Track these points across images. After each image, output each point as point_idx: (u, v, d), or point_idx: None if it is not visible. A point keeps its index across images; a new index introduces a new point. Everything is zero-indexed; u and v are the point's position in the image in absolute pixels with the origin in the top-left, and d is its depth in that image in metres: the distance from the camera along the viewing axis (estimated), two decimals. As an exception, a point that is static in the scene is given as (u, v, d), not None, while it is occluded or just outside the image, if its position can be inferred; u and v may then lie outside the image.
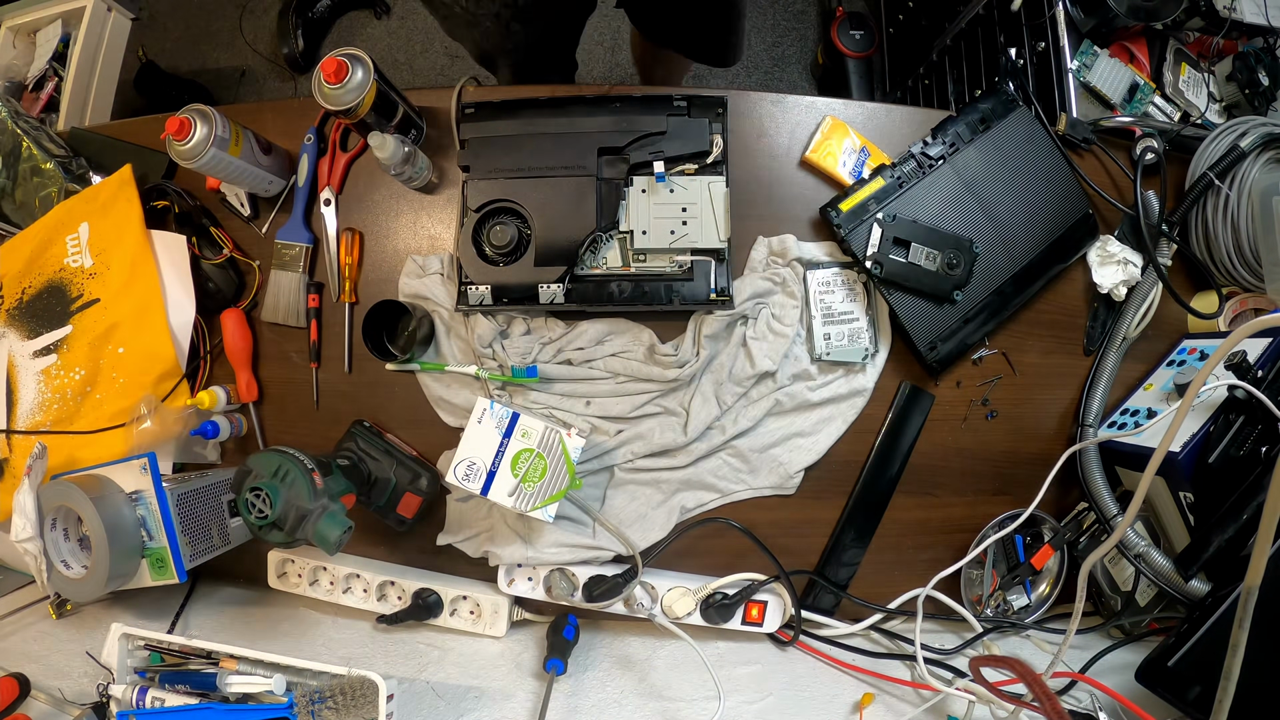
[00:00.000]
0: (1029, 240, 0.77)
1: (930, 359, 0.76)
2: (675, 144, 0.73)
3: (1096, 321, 0.81)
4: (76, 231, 0.78)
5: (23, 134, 0.82)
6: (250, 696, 0.61)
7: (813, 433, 0.78)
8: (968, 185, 0.75)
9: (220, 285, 0.79)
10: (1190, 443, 0.67)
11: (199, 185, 0.80)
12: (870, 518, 0.80)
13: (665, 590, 0.75)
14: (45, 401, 0.78)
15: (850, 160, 0.77)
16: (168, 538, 0.66)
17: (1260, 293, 0.78)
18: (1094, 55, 0.86)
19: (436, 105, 0.79)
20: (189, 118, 0.68)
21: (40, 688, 0.66)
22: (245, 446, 0.81)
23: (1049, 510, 0.80)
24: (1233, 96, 0.90)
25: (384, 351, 0.74)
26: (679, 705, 0.70)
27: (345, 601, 0.77)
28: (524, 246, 0.72)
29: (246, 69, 1.82)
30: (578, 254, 0.71)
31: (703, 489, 0.78)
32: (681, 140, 0.73)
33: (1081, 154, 0.80)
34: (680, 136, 0.73)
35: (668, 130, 0.73)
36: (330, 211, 0.79)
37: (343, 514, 0.62)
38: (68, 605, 0.76)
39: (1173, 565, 0.69)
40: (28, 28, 1.33)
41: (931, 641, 0.77)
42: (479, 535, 0.77)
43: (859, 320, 0.77)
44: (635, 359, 0.75)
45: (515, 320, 0.76)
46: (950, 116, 0.77)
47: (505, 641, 0.77)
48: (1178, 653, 0.62)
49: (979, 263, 0.75)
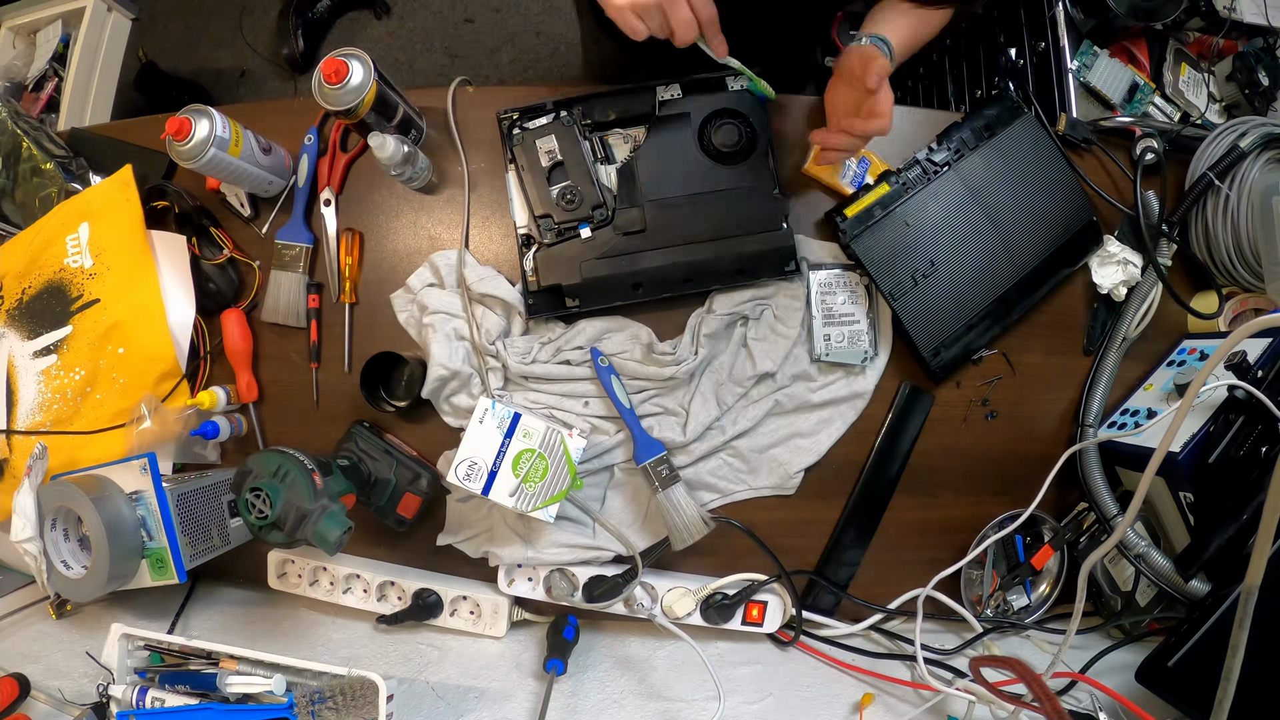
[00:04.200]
0: (1033, 247, 0.77)
1: (934, 365, 0.76)
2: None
3: (1096, 321, 0.81)
4: (76, 231, 0.78)
5: (23, 134, 0.82)
6: (250, 697, 0.61)
7: (812, 433, 0.78)
8: (973, 192, 0.76)
9: (220, 285, 0.79)
10: (1190, 443, 0.67)
11: (199, 185, 0.80)
12: (870, 518, 0.80)
13: (665, 590, 0.75)
14: (45, 402, 0.78)
15: (849, 171, 0.77)
16: (168, 538, 0.66)
17: (1260, 293, 0.78)
18: (1094, 55, 0.86)
19: (436, 105, 0.79)
20: (189, 118, 0.68)
21: (40, 688, 0.66)
22: (245, 446, 0.81)
23: (1049, 510, 0.80)
24: (1233, 96, 0.90)
25: (382, 402, 0.75)
26: (679, 705, 0.70)
27: (345, 602, 0.77)
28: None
29: (246, 69, 1.82)
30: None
31: (703, 489, 0.78)
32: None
33: (1081, 154, 0.80)
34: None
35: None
36: (330, 212, 0.79)
37: (343, 514, 0.62)
38: (68, 605, 0.76)
39: (1173, 565, 0.69)
40: (28, 28, 1.33)
41: (931, 641, 0.77)
42: (479, 535, 0.77)
43: (860, 323, 0.77)
44: (633, 358, 0.75)
45: (516, 318, 0.76)
46: (955, 122, 0.77)
47: (505, 642, 0.77)
48: (1178, 653, 0.62)
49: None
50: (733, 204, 0.73)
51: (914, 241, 0.75)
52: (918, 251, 0.75)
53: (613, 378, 0.73)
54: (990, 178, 0.76)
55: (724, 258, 0.73)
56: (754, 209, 0.73)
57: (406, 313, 0.78)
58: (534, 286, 0.74)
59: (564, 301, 0.74)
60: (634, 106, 0.74)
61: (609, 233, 0.73)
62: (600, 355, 0.74)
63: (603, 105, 0.74)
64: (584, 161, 0.73)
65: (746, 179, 0.73)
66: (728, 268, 0.74)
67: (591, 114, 0.74)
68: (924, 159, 0.76)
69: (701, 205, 0.73)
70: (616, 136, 0.76)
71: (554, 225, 0.73)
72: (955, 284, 0.75)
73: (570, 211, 0.72)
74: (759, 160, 0.74)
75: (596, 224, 0.73)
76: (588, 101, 0.74)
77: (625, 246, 0.73)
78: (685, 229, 0.73)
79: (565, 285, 0.73)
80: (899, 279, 0.74)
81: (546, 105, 0.74)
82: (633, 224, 0.73)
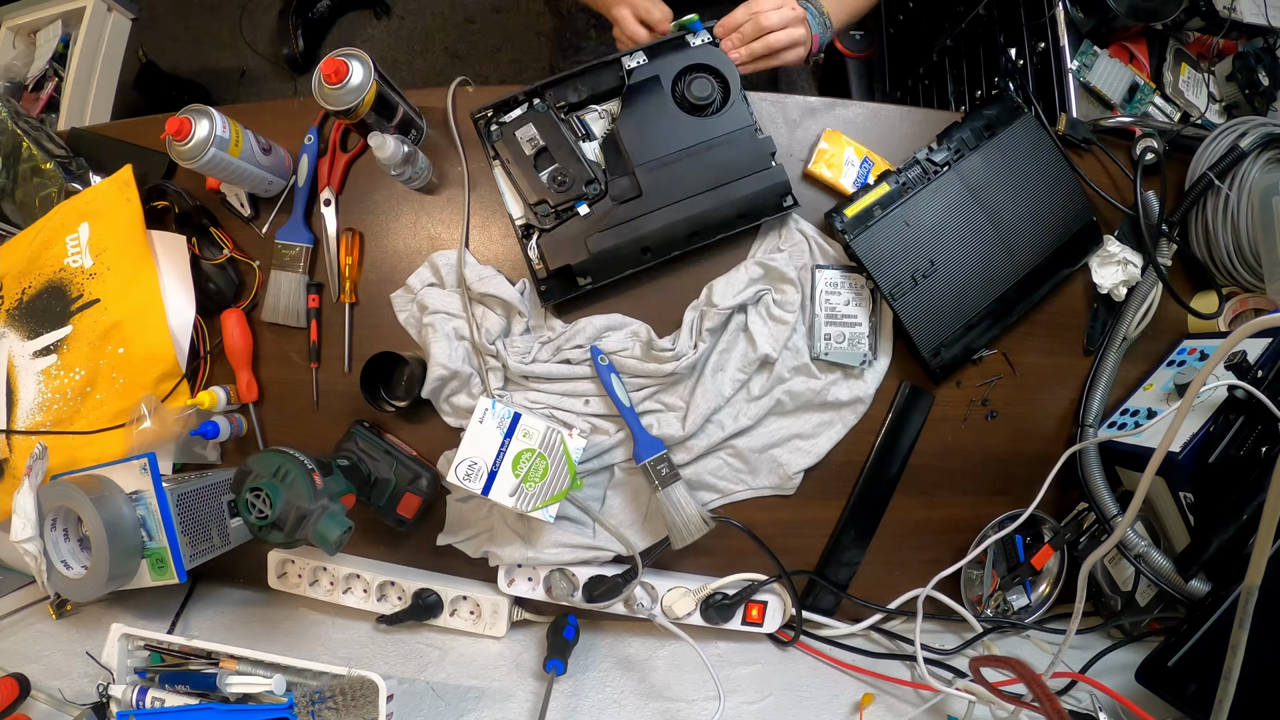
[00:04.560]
0: (1033, 247, 0.77)
1: (934, 365, 0.76)
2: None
3: (1096, 321, 0.81)
4: (76, 231, 0.78)
5: (23, 134, 0.82)
6: (250, 697, 0.61)
7: (813, 435, 0.78)
8: (973, 191, 0.76)
9: (220, 285, 0.79)
10: (1190, 443, 0.67)
11: (199, 185, 0.80)
12: (870, 518, 0.80)
13: (665, 590, 0.75)
14: (45, 402, 0.78)
15: (852, 172, 0.77)
16: (168, 538, 0.66)
17: (1260, 293, 0.78)
18: (1094, 55, 0.86)
19: (436, 105, 0.79)
20: (189, 118, 0.68)
21: (40, 688, 0.66)
22: (245, 446, 0.81)
23: (1049, 510, 0.80)
24: (1233, 96, 0.90)
25: (382, 402, 0.75)
26: (679, 705, 0.70)
27: (345, 601, 0.77)
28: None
29: (246, 69, 1.82)
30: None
31: (703, 489, 0.78)
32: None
33: (1081, 154, 0.80)
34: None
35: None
36: (330, 211, 0.79)
37: (343, 514, 0.62)
38: (68, 605, 0.76)
39: (1173, 565, 0.69)
40: (28, 28, 1.33)
41: (931, 641, 0.77)
42: (479, 535, 0.77)
43: (861, 325, 0.77)
44: (633, 356, 0.75)
45: (516, 318, 0.76)
46: (955, 123, 0.77)
47: (505, 642, 0.77)
48: (1178, 653, 0.62)
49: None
50: (720, 152, 0.73)
51: (914, 241, 0.75)
52: (918, 251, 0.75)
53: (613, 376, 0.73)
54: (990, 178, 0.76)
55: (722, 205, 0.73)
56: (741, 153, 0.73)
57: (406, 312, 0.78)
58: (543, 273, 0.74)
59: (576, 282, 0.74)
60: (603, 81, 0.75)
61: (606, 204, 0.73)
62: (600, 354, 0.74)
63: (573, 86, 0.75)
64: (566, 142, 0.73)
65: (728, 125, 0.73)
66: (728, 214, 0.73)
67: (564, 96, 0.75)
68: (924, 159, 0.76)
69: (690, 160, 0.73)
70: (592, 114, 0.76)
71: (550, 209, 0.73)
72: (955, 284, 0.75)
73: (564, 192, 0.73)
74: (737, 106, 0.74)
75: (592, 199, 0.73)
76: (557, 85, 0.74)
77: (625, 214, 0.73)
78: (679, 186, 0.73)
79: (575, 264, 0.73)
80: (899, 279, 0.74)
81: (518, 97, 0.74)
82: (627, 191, 0.73)
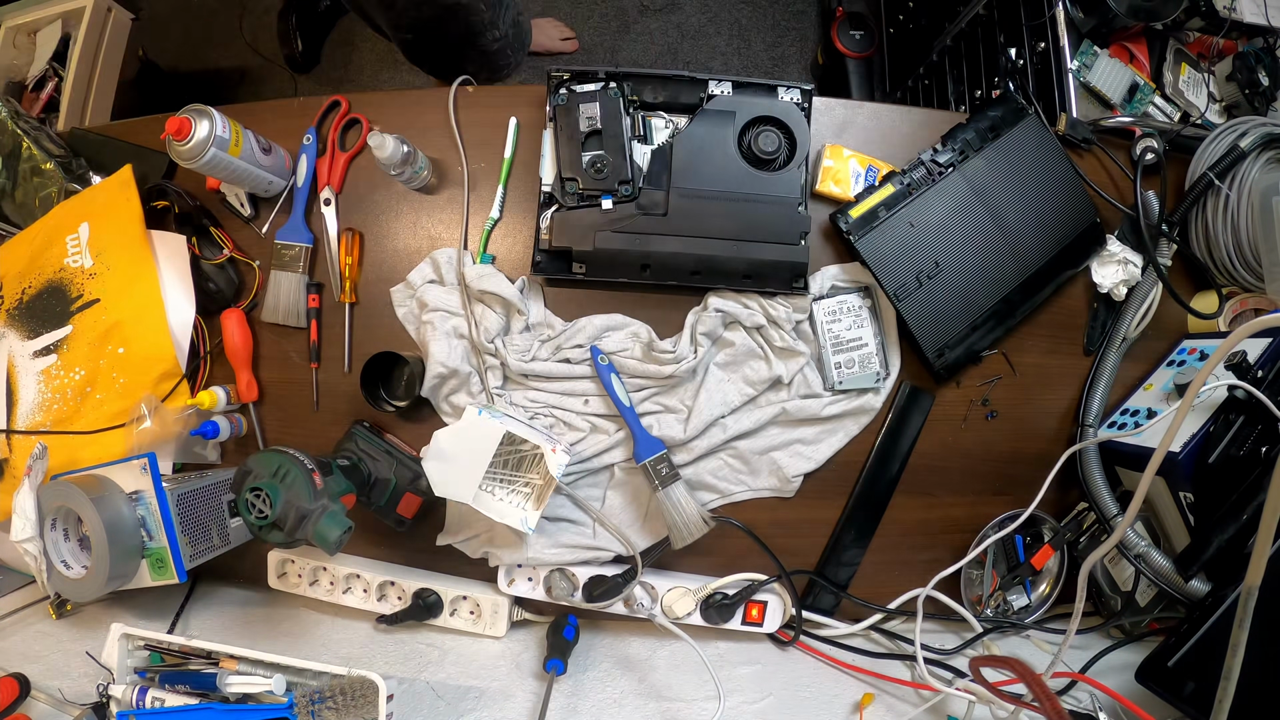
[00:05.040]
0: (1037, 248, 0.77)
1: (938, 366, 0.76)
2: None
3: (1096, 321, 0.81)
4: (76, 231, 0.78)
5: (23, 134, 0.82)
6: (250, 696, 0.61)
7: (815, 441, 0.78)
8: (977, 193, 0.76)
9: (220, 285, 0.79)
10: (1190, 443, 0.67)
11: (199, 185, 0.80)
12: (870, 518, 0.80)
13: (665, 590, 0.75)
14: (45, 401, 0.78)
15: (860, 184, 0.77)
16: (168, 538, 0.66)
17: (1260, 293, 0.77)
18: (1094, 55, 0.86)
19: (437, 105, 0.79)
20: (189, 118, 0.68)
21: (40, 688, 0.66)
22: (245, 446, 0.81)
23: (1049, 510, 0.80)
24: (1233, 96, 0.90)
25: (382, 402, 0.76)
26: (679, 705, 0.70)
27: (345, 601, 0.77)
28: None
29: (246, 69, 1.82)
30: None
31: (703, 489, 0.78)
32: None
33: (1081, 154, 0.80)
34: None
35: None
36: (330, 211, 0.79)
37: (343, 514, 0.62)
38: (68, 605, 0.76)
39: (1173, 565, 0.69)
40: (28, 28, 1.33)
41: (931, 641, 0.77)
42: (479, 536, 0.77)
43: (868, 345, 0.76)
44: (633, 356, 0.75)
45: (515, 316, 0.76)
46: (960, 124, 0.77)
47: (505, 642, 0.77)
48: (1178, 653, 0.62)
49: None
50: (757, 209, 0.73)
51: (919, 242, 0.75)
52: (923, 252, 0.75)
53: (613, 376, 0.73)
54: (994, 179, 0.76)
55: (736, 259, 0.73)
56: (776, 219, 0.73)
57: (405, 308, 0.78)
58: (545, 246, 0.74)
59: (571, 267, 0.74)
60: (682, 94, 0.75)
61: (630, 209, 0.73)
62: (600, 353, 0.74)
63: (653, 86, 0.74)
64: (621, 135, 0.73)
65: (776, 188, 0.73)
66: (738, 269, 0.74)
67: (640, 92, 0.74)
68: (928, 160, 0.76)
69: (725, 203, 0.73)
70: (659, 119, 0.76)
71: (578, 190, 0.73)
72: (960, 285, 0.75)
73: (597, 180, 0.73)
74: (792, 174, 0.74)
75: (620, 198, 0.73)
76: (639, 79, 0.74)
77: (642, 226, 0.73)
78: (705, 223, 0.73)
79: (576, 250, 0.73)
80: (904, 279, 0.74)
81: (599, 73, 0.74)
82: (655, 206, 0.73)
